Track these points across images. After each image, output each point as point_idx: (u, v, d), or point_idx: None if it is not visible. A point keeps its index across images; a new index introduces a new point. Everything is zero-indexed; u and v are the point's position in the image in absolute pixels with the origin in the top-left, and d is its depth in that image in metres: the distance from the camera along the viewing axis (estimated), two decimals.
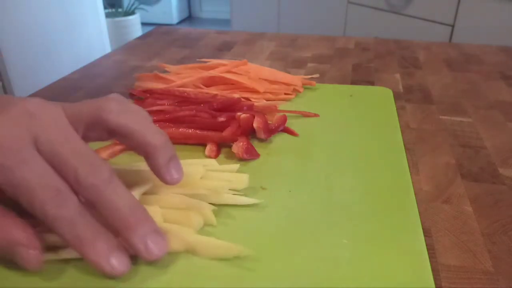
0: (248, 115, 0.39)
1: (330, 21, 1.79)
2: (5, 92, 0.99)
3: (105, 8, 1.71)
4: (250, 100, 0.46)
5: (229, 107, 0.42)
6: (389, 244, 0.27)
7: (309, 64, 0.63)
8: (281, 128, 0.41)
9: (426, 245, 0.27)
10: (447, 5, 1.36)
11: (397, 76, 0.59)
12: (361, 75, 0.59)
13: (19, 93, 1.01)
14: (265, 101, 0.47)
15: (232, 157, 0.37)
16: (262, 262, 0.25)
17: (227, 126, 0.39)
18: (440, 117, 0.47)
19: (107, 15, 2.53)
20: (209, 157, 0.36)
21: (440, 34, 1.40)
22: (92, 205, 0.24)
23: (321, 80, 0.56)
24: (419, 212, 0.30)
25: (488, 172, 0.36)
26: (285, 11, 1.92)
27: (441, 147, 0.40)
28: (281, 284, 0.24)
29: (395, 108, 0.47)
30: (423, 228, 0.29)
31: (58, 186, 0.23)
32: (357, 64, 0.64)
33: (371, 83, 0.56)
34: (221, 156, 0.37)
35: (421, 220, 0.29)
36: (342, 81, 0.57)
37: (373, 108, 0.47)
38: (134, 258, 0.25)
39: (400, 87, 0.55)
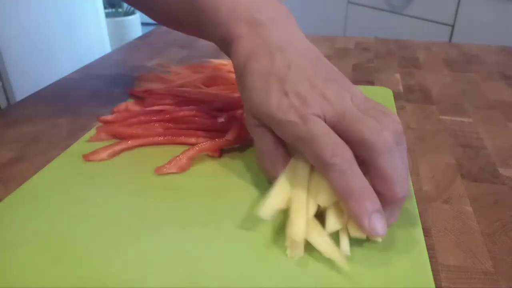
0: None
1: (330, 21, 1.79)
2: (5, 92, 0.99)
3: (105, 8, 1.71)
4: None
5: (229, 107, 0.42)
6: (389, 244, 0.27)
7: None
8: None
9: (426, 245, 0.27)
10: (447, 5, 1.36)
11: (397, 76, 0.59)
12: (361, 75, 0.59)
13: (19, 93, 1.01)
14: None
15: (232, 151, 0.37)
16: (262, 262, 0.25)
17: (227, 126, 0.39)
18: (440, 117, 0.47)
19: (107, 15, 2.53)
20: (213, 156, 0.36)
21: (440, 34, 1.40)
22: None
23: None
24: (419, 212, 0.30)
25: (488, 172, 0.36)
26: None
27: (441, 147, 0.40)
28: (281, 284, 0.24)
29: (395, 108, 0.47)
30: (423, 228, 0.29)
31: (338, 140, 0.26)
32: (357, 64, 0.64)
33: (371, 83, 0.56)
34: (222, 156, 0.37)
35: (421, 220, 0.29)
36: None
37: None
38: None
39: (400, 87, 0.55)
